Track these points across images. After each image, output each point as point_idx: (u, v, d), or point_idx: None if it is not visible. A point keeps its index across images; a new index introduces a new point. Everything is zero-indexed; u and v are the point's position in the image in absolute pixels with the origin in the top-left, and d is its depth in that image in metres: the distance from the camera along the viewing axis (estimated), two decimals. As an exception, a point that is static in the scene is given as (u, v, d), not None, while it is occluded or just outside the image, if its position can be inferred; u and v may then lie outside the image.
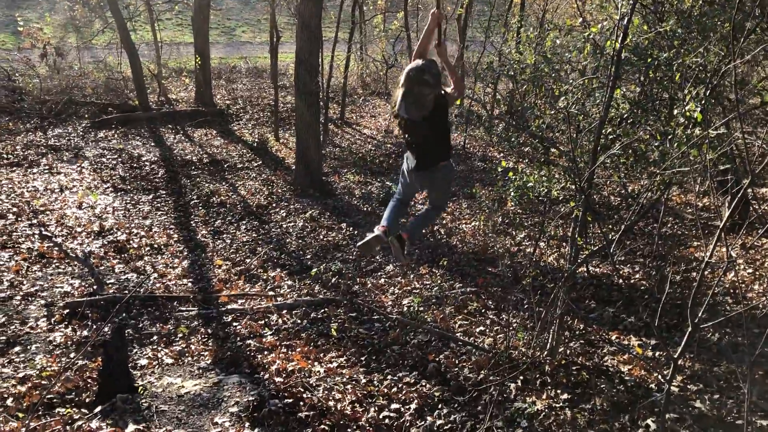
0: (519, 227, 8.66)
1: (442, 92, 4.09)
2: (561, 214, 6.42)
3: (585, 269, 7.12)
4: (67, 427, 4.45)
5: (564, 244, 7.97)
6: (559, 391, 4.87)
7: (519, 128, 7.18)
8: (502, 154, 12.27)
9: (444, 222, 8.97)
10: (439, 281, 7.11)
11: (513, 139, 7.27)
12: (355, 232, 8.51)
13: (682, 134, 4.54)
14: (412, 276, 7.25)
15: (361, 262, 7.59)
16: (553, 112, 6.31)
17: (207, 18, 14.25)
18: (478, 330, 6.07)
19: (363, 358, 5.48)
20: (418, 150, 4.23)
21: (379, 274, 7.37)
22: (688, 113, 4.48)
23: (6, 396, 4.82)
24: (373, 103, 16.42)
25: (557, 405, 4.72)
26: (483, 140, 13.19)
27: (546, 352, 5.29)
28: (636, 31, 5.27)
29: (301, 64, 9.73)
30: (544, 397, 4.82)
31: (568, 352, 5.49)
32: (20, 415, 4.59)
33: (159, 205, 9.28)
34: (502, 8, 15.46)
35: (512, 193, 6.51)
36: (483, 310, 6.47)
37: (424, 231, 7.52)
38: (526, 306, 6.42)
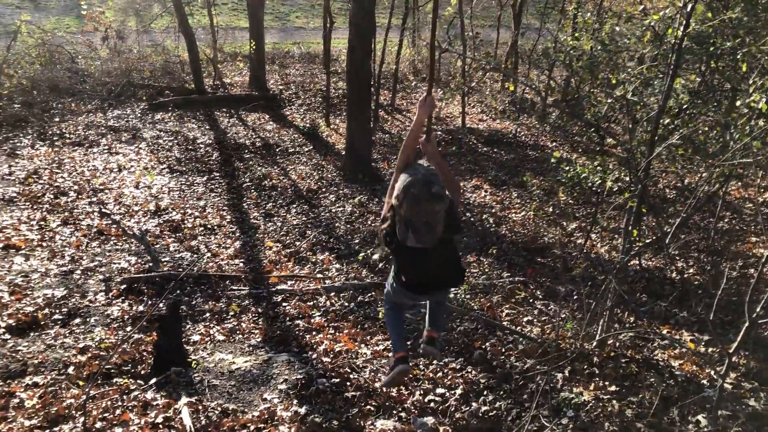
0: (570, 218, 8.54)
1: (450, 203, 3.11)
2: (615, 205, 6.31)
3: (637, 262, 6.99)
4: (124, 397, 4.63)
5: (616, 235, 7.84)
6: (606, 383, 4.82)
7: (574, 117, 7.07)
8: (554, 143, 12.10)
9: (493, 211, 8.92)
10: (486, 270, 7.09)
11: (567, 128, 7.15)
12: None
13: (745, 125, 4.40)
14: (459, 263, 7.25)
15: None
16: (609, 101, 6.19)
17: (262, 3, 14.42)
18: (525, 320, 6.04)
19: (409, 343, 5.52)
20: (425, 277, 3.26)
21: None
22: (752, 104, 4.35)
23: (68, 364, 5.04)
24: (425, 90, 16.36)
25: (605, 397, 4.67)
26: (535, 128, 13.02)
27: (594, 344, 5.24)
28: (699, 19, 5.12)
29: (354, 49, 9.76)
30: (591, 388, 4.78)
31: (618, 344, 5.42)
32: (80, 383, 4.80)
33: (213, 186, 9.48)
34: (558, -5, 15.14)
35: (564, 183, 6.44)
36: (531, 300, 6.43)
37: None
38: (575, 297, 6.35)
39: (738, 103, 5.09)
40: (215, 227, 8.03)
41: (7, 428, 4.20)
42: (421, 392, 4.79)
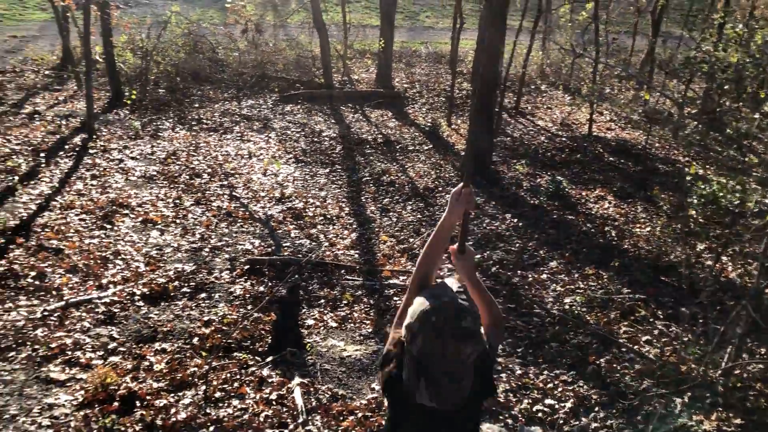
0: (701, 237, 8.06)
1: (486, 345, 2.16)
2: (753, 228, 5.88)
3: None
4: (242, 371, 4.89)
5: (750, 260, 7.31)
6: (731, 415, 4.53)
7: (713, 131, 6.66)
8: (688, 158, 11.45)
9: (616, 223, 8.58)
10: (605, 284, 6.84)
11: (704, 143, 6.76)
12: (520, 224, 8.40)
13: None
14: (576, 275, 7.04)
15: (523, 255, 7.49)
16: (757, 116, 5.78)
17: (395, 2, 14.65)
18: (644, 339, 5.77)
19: (519, 350, 5.44)
20: None
21: (542, 269, 7.23)
22: None
23: (193, 335, 5.38)
24: (550, 95, 16.00)
25: (728, 429, 4.39)
26: (666, 141, 12.38)
27: (719, 372, 4.92)
28: None
29: (483, 51, 9.71)
30: (713, 418, 4.51)
31: (746, 375, 5.06)
32: (203, 353, 5.11)
33: (334, 178, 9.76)
34: (703, 2, 14.30)
35: (695, 201, 6.09)
36: (651, 320, 6.14)
37: None
38: (700, 321, 5.99)
39: None
40: (334, 218, 8.26)
41: (138, 387, 4.56)
42: (530, 401, 4.71)
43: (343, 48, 15.78)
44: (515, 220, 8.54)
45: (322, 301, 6.21)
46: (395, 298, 6.36)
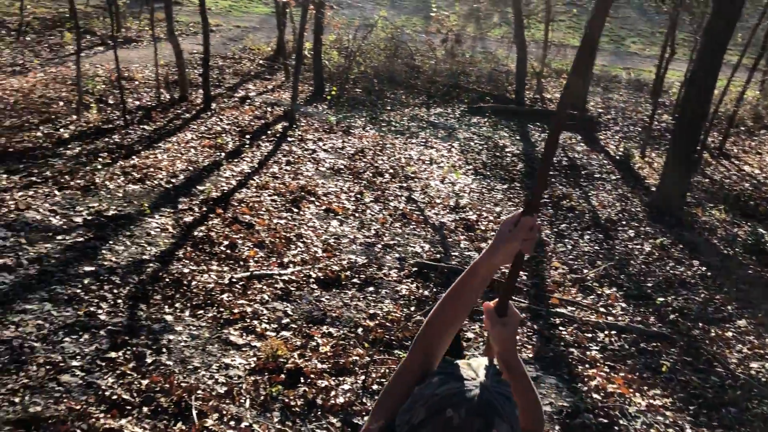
0: None
1: None
2: None
3: None
4: (399, 369, 4.99)
5: None
6: None
7: None
8: None
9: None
10: (803, 355, 6.11)
11: None
12: (708, 273, 7.74)
13: None
14: (767, 339, 6.36)
15: (708, 307, 6.90)
16: None
17: (602, 25, 14.11)
18: (843, 426, 5.07)
19: (692, 408, 5.02)
20: None
21: (728, 326, 6.61)
22: None
23: (358, 325, 5.60)
24: (762, 139, 14.57)
25: None
26: None
27: None
28: None
29: (694, 84, 9.07)
30: None
31: None
32: (366, 344, 5.29)
33: (511, 195, 9.64)
34: None
35: None
36: None
37: None
38: None
39: None
40: (507, 235, 8.15)
41: (304, 364, 4.83)
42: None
43: (540, 65, 15.54)
44: (703, 269, 7.89)
45: (483, 316, 6.15)
46: (561, 328, 6.14)
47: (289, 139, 10.46)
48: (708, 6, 10.81)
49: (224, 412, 4.21)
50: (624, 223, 9.16)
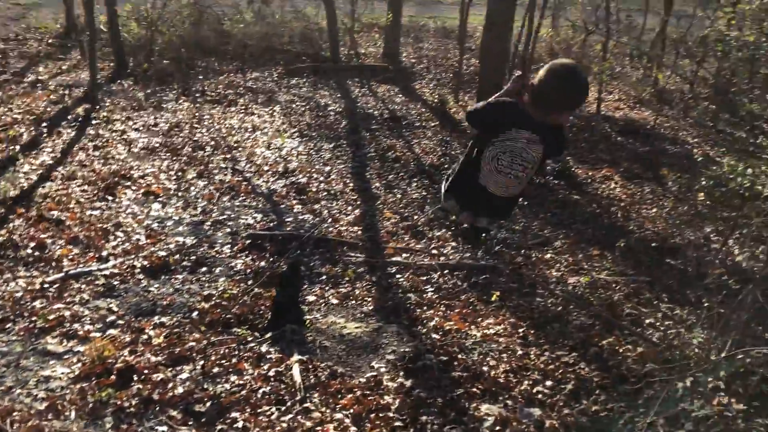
0: (710, 220, 7.96)
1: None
2: (764, 212, 5.80)
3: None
4: (240, 347, 4.86)
5: (757, 243, 7.21)
6: (733, 400, 4.48)
7: (724, 111, 6.53)
8: (696, 139, 11.29)
9: (622, 204, 8.48)
10: (610, 265, 6.77)
11: (715, 124, 6.64)
12: (525, 203, 8.30)
13: None
14: (580, 255, 6.97)
15: (528, 234, 7.41)
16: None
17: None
18: (647, 322, 5.72)
19: (521, 330, 5.40)
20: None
21: (546, 248, 7.16)
22: None
23: (192, 309, 5.35)
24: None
25: (729, 414, 4.34)
26: (675, 120, 12.20)
27: (723, 357, 4.86)
28: None
29: (491, 26, 9.54)
30: (715, 403, 4.46)
31: (749, 360, 5.00)
32: (202, 328, 5.08)
33: (339, 154, 9.65)
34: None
35: (704, 183, 5.99)
36: (655, 302, 6.08)
37: None
38: (705, 305, 5.92)
39: None
40: (338, 193, 8.18)
41: (135, 360, 4.53)
42: (530, 382, 4.67)
43: (351, 21, 15.54)
44: (520, 199, 8.43)
45: (324, 277, 6.16)
46: (398, 276, 6.30)
47: (94, 122, 9.63)
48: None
49: (47, 430, 3.84)
50: (447, 166, 9.52)
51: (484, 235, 3.12)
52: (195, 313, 5.29)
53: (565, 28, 16.47)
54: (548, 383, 4.67)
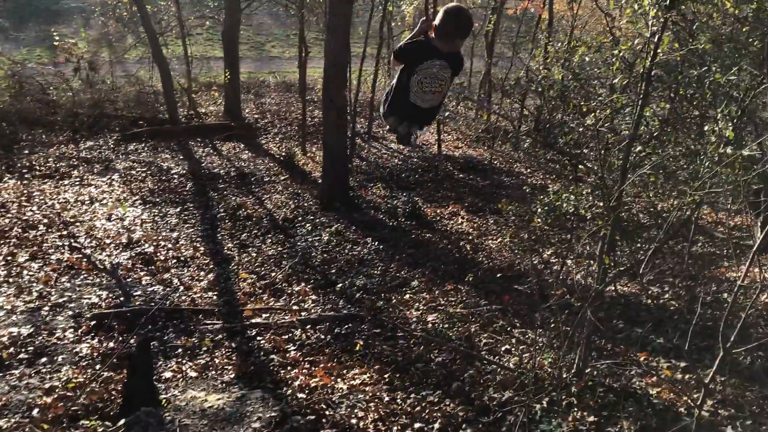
0: (546, 244, 8.57)
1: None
2: (590, 233, 6.34)
3: (613, 288, 7.00)
4: (91, 440, 4.48)
5: (592, 262, 7.85)
6: (585, 413, 4.78)
7: (546, 144, 7.12)
8: (528, 170, 12.19)
9: (470, 237, 8.92)
10: (464, 298, 7.05)
11: (540, 156, 7.20)
12: (381, 246, 8.48)
13: (714, 153, 4.45)
14: (437, 292, 7.20)
15: (386, 277, 7.56)
16: (581, 129, 6.25)
17: (237, 33, 14.46)
18: (503, 348, 5.99)
19: (386, 376, 5.44)
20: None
21: (404, 289, 7.33)
22: (719, 132, 4.40)
23: (33, 406, 4.87)
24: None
25: (583, 428, 4.63)
26: (509, 155, 13.12)
27: (572, 373, 5.20)
28: (667, 49, 5.20)
29: (329, 78, 9.79)
30: (570, 419, 4.73)
31: (595, 373, 5.39)
32: (45, 426, 4.63)
33: (186, 217, 9.37)
34: (530, 24, 15.40)
35: (539, 211, 6.45)
36: (509, 328, 6.40)
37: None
38: (552, 325, 6.31)
39: (706, 128, 5.16)
40: (188, 259, 7.90)
41: (-34, 477, 4.03)
42: (399, 428, 4.70)
43: (187, 81, 15.32)
44: (376, 243, 8.61)
45: (180, 350, 5.87)
46: (258, 338, 6.15)
47: None
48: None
49: None
50: (300, 219, 9.54)
51: (413, 136, 3.93)
52: (36, 411, 4.81)
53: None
54: (416, 425, 4.73)
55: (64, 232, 8.45)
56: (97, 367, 5.47)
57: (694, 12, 5.95)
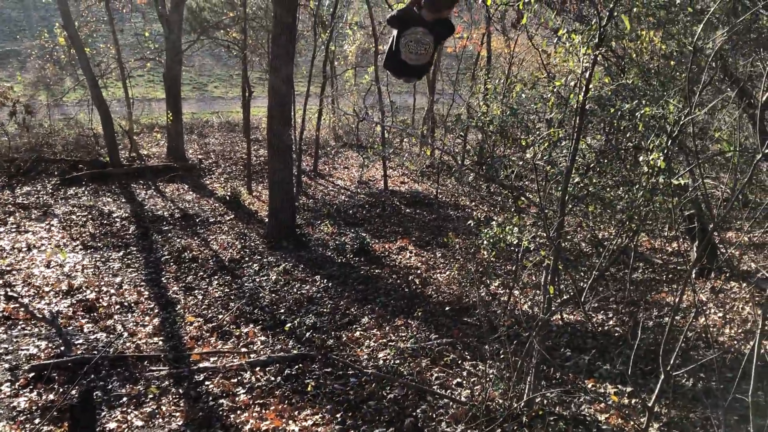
0: (493, 276, 8.69)
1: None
2: (534, 262, 6.49)
3: (559, 317, 7.14)
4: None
5: (538, 291, 8.00)
6: (537, 443, 4.83)
7: (489, 178, 7.28)
8: (473, 203, 12.41)
9: (419, 272, 8.98)
10: (414, 333, 7.07)
11: (483, 189, 7.36)
12: (330, 284, 8.46)
13: (647, 182, 4.65)
14: (387, 328, 7.20)
15: (336, 315, 7.52)
16: (521, 162, 6.43)
17: (179, 74, 14.38)
18: (455, 382, 6.01)
19: (339, 415, 5.38)
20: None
21: (354, 327, 7.31)
22: (652, 162, 4.60)
23: (-34, 467, 4.62)
24: (346, 155, 16.59)
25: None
26: (454, 189, 13.34)
27: (523, 403, 5.25)
28: (599, 84, 5.44)
29: (274, 117, 9.82)
30: (522, 449, 4.77)
31: (545, 401, 5.46)
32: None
33: (129, 261, 9.15)
34: (469, 62, 15.85)
35: (485, 243, 6.56)
36: (459, 361, 6.43)
37: None
38: (502, 356, 6.38)
39: (641, 158, 5.38)
40: (132, 304, 7.70)
41: None
42: (353, 467, 4.64)
43: (129, 123, 15.09)
44: (325, 281, 8.58)
45: (125, 399, 5.68)
46: (207, 383, 6.01)
47: None
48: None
49: None
50: (248, 259, 9.44)
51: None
52: (-31, 473, 4.57)
53: (344, 116, 17.47)
54: (371, 464, 4.68)
55: (0, 282, 8.13)
56: (36, 421, 5.23)
57: (624, 48, 6.26)
